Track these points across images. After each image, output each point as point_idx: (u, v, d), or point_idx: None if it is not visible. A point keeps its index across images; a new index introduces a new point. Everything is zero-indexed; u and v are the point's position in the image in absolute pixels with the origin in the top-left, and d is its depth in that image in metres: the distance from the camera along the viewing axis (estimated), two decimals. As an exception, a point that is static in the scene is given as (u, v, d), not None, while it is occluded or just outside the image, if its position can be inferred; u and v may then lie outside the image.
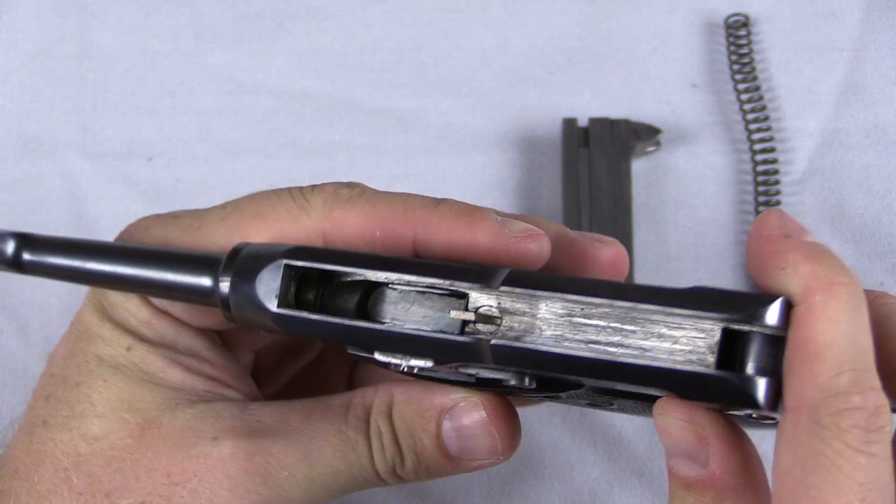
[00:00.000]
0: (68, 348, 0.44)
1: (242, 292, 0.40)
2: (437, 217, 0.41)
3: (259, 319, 0.40)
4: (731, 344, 0.34)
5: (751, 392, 0.34)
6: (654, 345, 0.35)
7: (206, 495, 0.40)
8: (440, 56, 0.69)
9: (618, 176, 0.63)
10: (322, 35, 0.70)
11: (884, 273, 0.62)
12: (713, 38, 0.69)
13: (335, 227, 0.42)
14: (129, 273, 0.42)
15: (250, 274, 0.40)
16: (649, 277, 0.63)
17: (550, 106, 0.68)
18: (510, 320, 0.37)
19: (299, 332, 0.40)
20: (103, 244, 0.43)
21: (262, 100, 0.69)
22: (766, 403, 0.34)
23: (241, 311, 0.40)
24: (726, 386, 0.34)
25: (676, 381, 0.35)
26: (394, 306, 0.40)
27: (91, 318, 0.44)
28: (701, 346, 0.35)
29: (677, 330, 0.35)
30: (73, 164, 0.67)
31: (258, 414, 0.42)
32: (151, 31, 0.70)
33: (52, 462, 0.42)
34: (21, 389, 0.62)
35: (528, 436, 0.60)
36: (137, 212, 0.66)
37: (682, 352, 0.35)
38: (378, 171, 0.67)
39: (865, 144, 0.65)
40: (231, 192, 0.66)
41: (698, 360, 0.35)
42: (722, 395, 0.34)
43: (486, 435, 0.41)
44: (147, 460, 0.41)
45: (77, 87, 0.69)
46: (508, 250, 0.40)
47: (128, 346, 0.43)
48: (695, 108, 0.67)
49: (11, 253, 0.42)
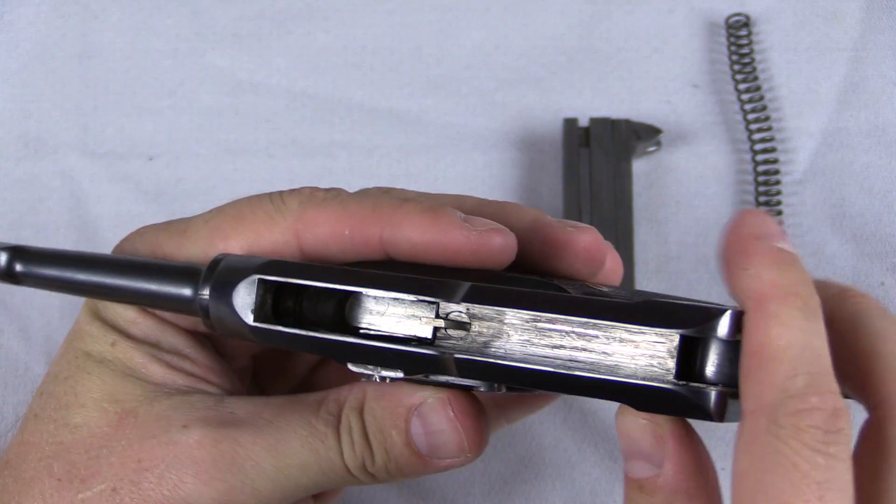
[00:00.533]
0: (64, 347, 0.46)
1: (221, 304, 0.41)
2: (401, 215, 0.41)
3: (239, 330, 0.41)
4: (693, 347, 0.35)
5: (702, 403, 0.34)
6: (616, 349, 0.36)
7: (173, 480, 0.41)
8: (441, 56, 0.69)
9: (618, 176, 0.63)
10: (323, 35, 0.70)
11: (884, 273, 0.62)
12: (714, 38, 0.69)
13: (307, 227, 0.43)
14: (116, 284, 0.43)
15: (228, 287, 0.41)
16: (650, 277, 0.63)
17: (551, 106, 0.68)
18: (479, 325, 0.38)
19: (276, 344, 0.41)
20: (94, 256, 0.45)
21: (263, 99, 0.69)
22: (716, 412, 0.34)
23: (221, 321, 0.42)
24: (680, 399, 0.35)
25: (635, 395, 0.36)
26: (369, 311, 0.41)
27: (84, 318, 0.46)
28: (661, 350, 0.35)
29: (638, 335, 0.36)
30: (74, 164, 0.67)
31: (232, 406, 0.43)
32: (152, 31, 0.70)
33: (37, 451, 0.43)
34: (22, 389, 0.62)
35: (528, 436, 0.60)
36: (138, 212, 0.66)
37: (643, 356, 0.36)
38: (378, 170, 0.67)
39: (866, 144, 0.65)
40: (232, 192, 0.66)
41: (659, 364, 0.35)
42: (677, 408, 0.35)
43: (453, 431, 0.42)
44: (121, 447, 0.42)
45: (78, 87, 0.69)
46: (472, 246, 0.40)
47: (112, 341, 0.45)
48: (695, 108, 0.67)
49: (4, 265, 0.44)
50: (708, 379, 0.35)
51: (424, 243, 0.41)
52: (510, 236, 0.41)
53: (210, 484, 0.41)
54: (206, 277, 0.42)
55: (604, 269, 0.43)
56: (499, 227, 0.40)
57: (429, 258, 0.41)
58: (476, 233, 0.40)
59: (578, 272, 0.43)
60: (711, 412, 0.34)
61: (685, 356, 0.35)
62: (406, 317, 0.40)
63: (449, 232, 0.40)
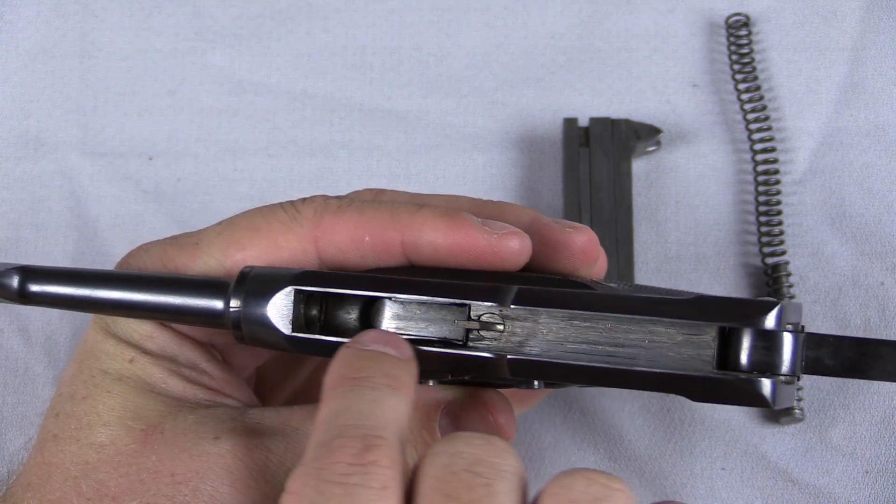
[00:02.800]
0: (75, 367, 0.46)
1: (254, 316, 0.42)
2: (420, 220, 0.42)
3: (271, 340, 0.42)
4: (727, 339, 0.37)
5: (758, 391, 0.36)
6: (653, 341, 0.37)
7: (209, 491, 0.41)
8: (441, 56, 0.69)
9: (618, 175, 0.63)
10: (323, 34, 0.70)
11: (884, 273, 0.62)
12: (714, 37, 0.69)
13: (326, 234, 0.43)
14: (139, 299, 0.43)
15: (261, 298, 0.42)
16: (650, 277, 0.63)
17: (551, 106, 0.68)
18: (512, 325, 0.39)
19: (311, 353, 0.42)
20: (108, 272, 0.45)
21: (263, 99, 0.69)
22: (773, 401, 0.36)
23: (254, 332, 0.42)
24: (730, 386, 0.36)
25: (691, 385, 0.37)
26: (395, 317, 0.41)
27: (95, 337, 0.46)
28: (697, 342, 0.37)
29: (672, 328, 0.37)
30: (74, 164, 0.67)
31: (258, 416, 0.44)
32: (152, 31, 0.70)
33: (62, 472, 0.43)
34: (22, 389, 0.62)
35: (528, 436, 0.60)
36: (138, 211, 0.66)
37: (685, 346, 0.37)
38: (379, 170, 0.67)
39: (866, 144, 0.65)
40: (232, 192, 0.66)
41: (700, 356, 0.37)
42: (727, 396, 0.37)
43: (484, 426, 0.43)
44: (151, 463, 0.42)
45: (78, 87, 0.69)
46: (492, 248, 0.41)
47: (130, 358, 0.45)
48: (695, 108, 0.67)
49: (17, 287, 0.44)
50: (744, 367, 0.37)
51: (447, 246, 0.42)
52: (526, 238, 0.42)
53: (245, 493, 0.41)
54: (236, 289, 0.42)
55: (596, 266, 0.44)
56: (515, 230, 0.42)
57: (450, 261, 0.42)
58: (496, 235, 0.41)
59: (575, 270, 0.43)
60: (768, 400, 0.36)
61: (722, 349, 0.37)
62: (432, 320, 0.41)
63: (470, 235, 0.41)
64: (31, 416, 0.61)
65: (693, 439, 0.58)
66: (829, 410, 0.59)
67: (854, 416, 0.59)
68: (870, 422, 0.59)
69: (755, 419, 0.59)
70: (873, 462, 0.58)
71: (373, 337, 0.40)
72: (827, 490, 0.58)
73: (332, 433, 0.36)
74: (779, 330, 0.37)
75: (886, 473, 0.58)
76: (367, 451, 0.35)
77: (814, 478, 0.58)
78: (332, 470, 0.34)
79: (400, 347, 0.40)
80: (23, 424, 0.61)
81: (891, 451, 0.58)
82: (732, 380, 0.36)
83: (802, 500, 0.57)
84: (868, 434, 0.58)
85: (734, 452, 0.58)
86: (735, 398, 0.37)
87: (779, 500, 0.58)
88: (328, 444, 0.35)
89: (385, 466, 0.35)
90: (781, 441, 0.59)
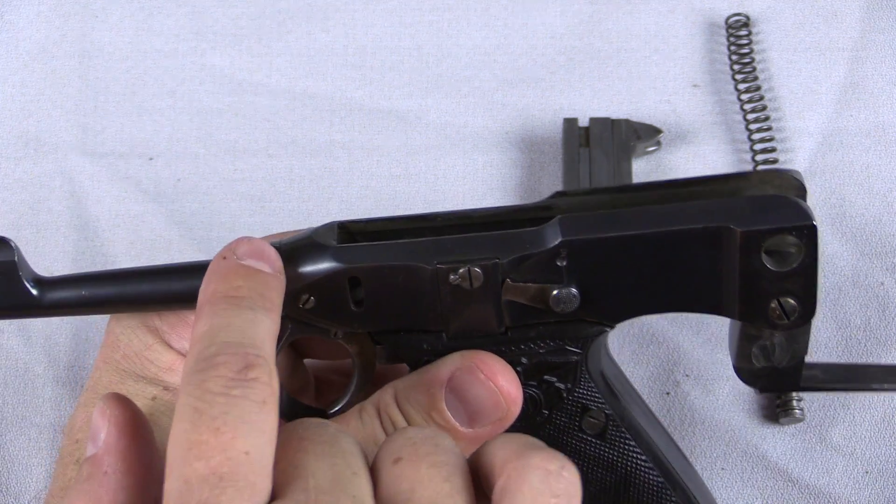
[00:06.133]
0: (90, 413, 0.46)
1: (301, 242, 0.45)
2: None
3: (316, 264, 0.44)
4: None
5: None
6: None
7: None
8: (441, 56, 0.69)
9: (619, 176, 0.63)
10: (323, 35, 0.70)
11: (884, 273, 0.62)
12: (714, 37, 0.69)
13: None
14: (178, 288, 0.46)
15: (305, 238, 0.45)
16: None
17: (551, 106, 0.68)
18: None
19: (361, 262, 0.44)
20: (117, 271, 0.47)
21: (263, 99, 0.69)
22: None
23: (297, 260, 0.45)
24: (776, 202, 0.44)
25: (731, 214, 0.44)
26: None
27: (111, 378, 0.47)
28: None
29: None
30: (74, 164, 0.67)
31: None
32: (152, 31, 0.70)
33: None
34: (22, 389, 0.62)
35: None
36: (138, 211, 0.66)
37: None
38: (379, 170, 0.67)
39: (866, 144, 0.65)
40: (232, 192, 0.66)
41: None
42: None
43: (487, 392, 0.44)
44: None
45: (78, 87, 0.69)
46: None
47: (153, 396, 0.46)
48: (695, 108, 0.67)
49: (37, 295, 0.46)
50: None
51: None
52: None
53: None
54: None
55: None
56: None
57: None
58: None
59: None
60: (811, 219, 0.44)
61: None
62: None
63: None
64: (31, 417, 0.61)
65: (693, 439, 0.58)
66: (829, 410, 0.59)
67: (854, 416, 0.59)
68: (870, 422, 0.59)
69: (755, 419, 0.59)
70: (873, 462, 0.58)
71: (246, 250, 0.41)
72: (827, 490, 0.58)
73: (213, 349, 0.37)
74: None
75: (886, 473, 0.58)
76: (248, 368, 0.36)
77: (814, 478, 0.58)
78: (215, 382, 0.36)
79: (272, 261, 0.42)
80: (23, 425, 0.61)
81: (891, 451, 0.58)
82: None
83: (802, 499, 0.57)
84: (868, 434, 0.58)
85: (734, 452, 0.58)
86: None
87: (779, 499, 0.58)
88: (211, 358, 0.36)
89: (265, 383, 0.36)
90: (781, 441, 0.59)
